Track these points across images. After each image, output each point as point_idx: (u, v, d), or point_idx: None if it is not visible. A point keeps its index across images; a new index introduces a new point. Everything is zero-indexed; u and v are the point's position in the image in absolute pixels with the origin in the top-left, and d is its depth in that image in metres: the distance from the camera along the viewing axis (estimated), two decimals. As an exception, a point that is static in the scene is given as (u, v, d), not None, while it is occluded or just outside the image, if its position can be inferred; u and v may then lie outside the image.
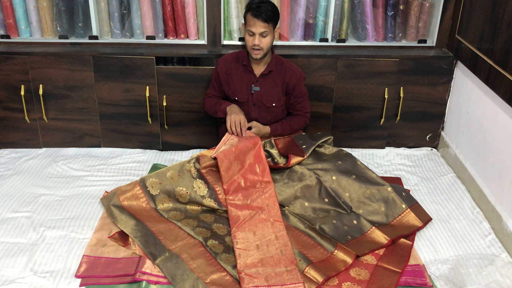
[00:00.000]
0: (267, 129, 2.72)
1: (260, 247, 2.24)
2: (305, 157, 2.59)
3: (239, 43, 3.04)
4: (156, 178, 2.52)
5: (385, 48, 3.10)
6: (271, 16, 2.54)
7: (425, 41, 3.11)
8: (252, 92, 2.71)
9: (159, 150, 3.17)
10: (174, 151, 3.16)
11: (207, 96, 2.87)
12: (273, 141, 2.72)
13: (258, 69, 2.71)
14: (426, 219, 2.48)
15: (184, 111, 3.07)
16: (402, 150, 3.22)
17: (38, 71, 2.93)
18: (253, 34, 2.56)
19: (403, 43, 3.14)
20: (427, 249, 2.33)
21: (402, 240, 2.33)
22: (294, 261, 2.15)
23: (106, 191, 2.67)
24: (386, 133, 3.20)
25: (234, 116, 2.58)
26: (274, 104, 2.74)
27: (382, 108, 3.09)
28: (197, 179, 2.50)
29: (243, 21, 2.68)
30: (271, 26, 2.56)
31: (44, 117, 3.03)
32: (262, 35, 2.55)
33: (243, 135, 2.59)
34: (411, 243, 2.32)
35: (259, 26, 2.53)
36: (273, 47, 2.72)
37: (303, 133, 2.88)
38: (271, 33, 2.59)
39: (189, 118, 3.09)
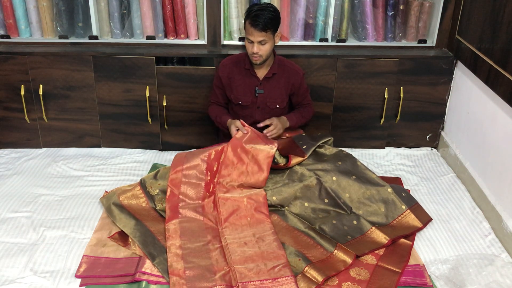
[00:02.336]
0: (284, 120, 2.70)
1: (250, 243, 2.24)
2: (306, 157, 2.59)
3: (239, 43, 3.04)
4: (155, 178, 2.53)
5: (385, 48, 3.10)
6: (270, 24, 2.51)
7: (425, 41, 3.11)
8: (256, 95, 2.71)
9: (159, 150, 3.17)
10: (174, 151, 3.15)
11: (210, 103, 2.88)
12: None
13: (261, 72, 2.70)
14: (426, 220, 2.48)
15: (184, 111, 3.07)
16: (402, 150, 3.22)
17: (38, 71, 2.93)
18: (252, 42, 2.54)
19: (403, 43, 3.14)
20: (427, 249, 2.33)
21: (402, 240, 2.33)
22: (284, 256, 2.15)
23: (106, 191, 2.67)
24: (386, 133, 3.20)
25: (233, 126, 2.59)
26: (277, 106, 2.75)
27: (382, 108, 3.09)
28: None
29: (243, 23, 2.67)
30: (269, 33, 2.53)
31: (44, 117, 3.03)
32: (260, 43, 2.53)
33: (247, 129, 2.58)
34: (411, 243, 2.32)
35: (257, 35, 2.51)
36: (274, 49, 2.71)
37: (303, 134, 2.88)
38: (271, 40, 2.56)
39: (189, 118, 3.09)
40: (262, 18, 2.48)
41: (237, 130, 2.58)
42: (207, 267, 2.11)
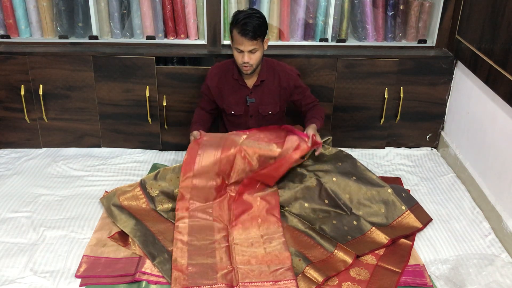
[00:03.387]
0: (312, 127, 2.55)
1: (257, 244, 2.25)
2: (305, 157, 2.59)
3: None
4: (155, 179, 2.52)
5: (385, 48, 3.10)
6: (259, 31, 2.39)
7: (425, 41, 3.11)
8: (248, 104, 2.65)
9: (159, 150, 3.17)
10: (174, 151, 3.16)
11: (197, 106, 2.81)
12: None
13: (250, 81, 2.62)
14: (426, 220, 2.48)
15: (184, 111, 3.07)
16: (402, 150, 3.22)
17: (38, 71, 2.93)
18: (241, 51, 2.43)
19: (403, 43, 3.14)
20: (427, 249, 2.33)
21: (402, 240, 2.33)
22: (289, 259, 2.16)
23: (106, 191, 2.67)
24: (386, 133, 3.20)
25: (191, 135, 2.59)
26: (270, 112, 2.69)
27: (382, 108, 3.09)
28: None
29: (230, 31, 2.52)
30: (259, 41, 2.41)
31: (44, 117, 3.03)
32: (251, 52, 2.41)
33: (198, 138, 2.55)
34: (411, 243, 2.32)
35: (247, 45, 2.38)
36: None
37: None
38: (261, 47, 2.45)
39: (189, 118, 3.07)
40: (251, 26, 2.35)
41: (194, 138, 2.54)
42: (210, 266, 2.11)
